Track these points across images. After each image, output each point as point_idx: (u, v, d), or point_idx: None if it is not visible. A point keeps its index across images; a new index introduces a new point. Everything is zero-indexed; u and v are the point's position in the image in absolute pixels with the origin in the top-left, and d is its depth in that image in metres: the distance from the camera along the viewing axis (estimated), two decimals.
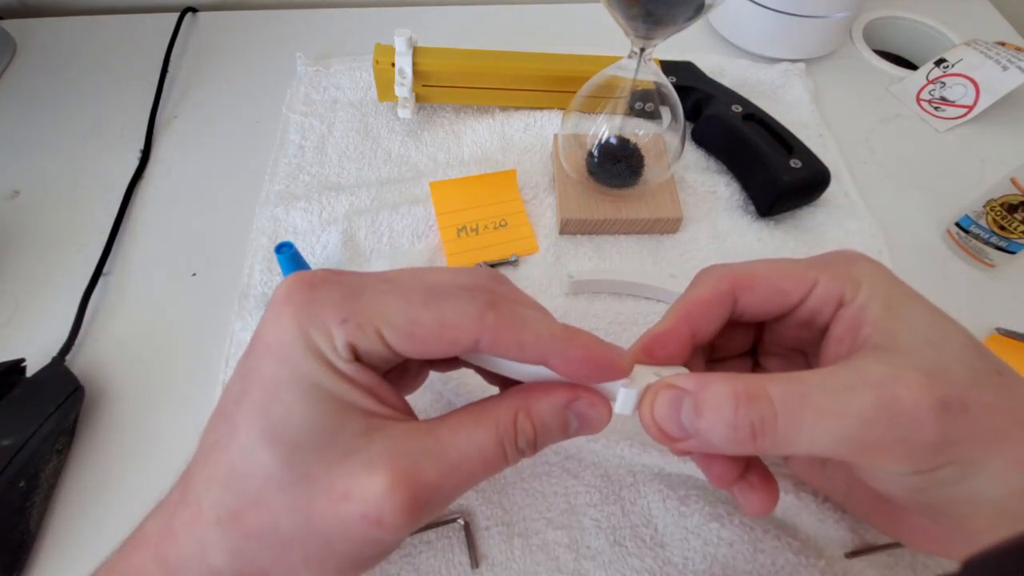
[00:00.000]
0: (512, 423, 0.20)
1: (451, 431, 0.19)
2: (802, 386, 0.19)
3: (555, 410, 0.20)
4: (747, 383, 0.19)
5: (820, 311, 0.23)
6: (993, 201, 0.39)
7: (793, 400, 0.19)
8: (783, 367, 0.27)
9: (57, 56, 0.53)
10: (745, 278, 0.23)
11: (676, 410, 0.20)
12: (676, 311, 0.23)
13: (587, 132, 0.42)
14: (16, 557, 0.29)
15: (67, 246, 0.41)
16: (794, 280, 0.23)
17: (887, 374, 0.19)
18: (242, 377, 0.19)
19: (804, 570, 0.28)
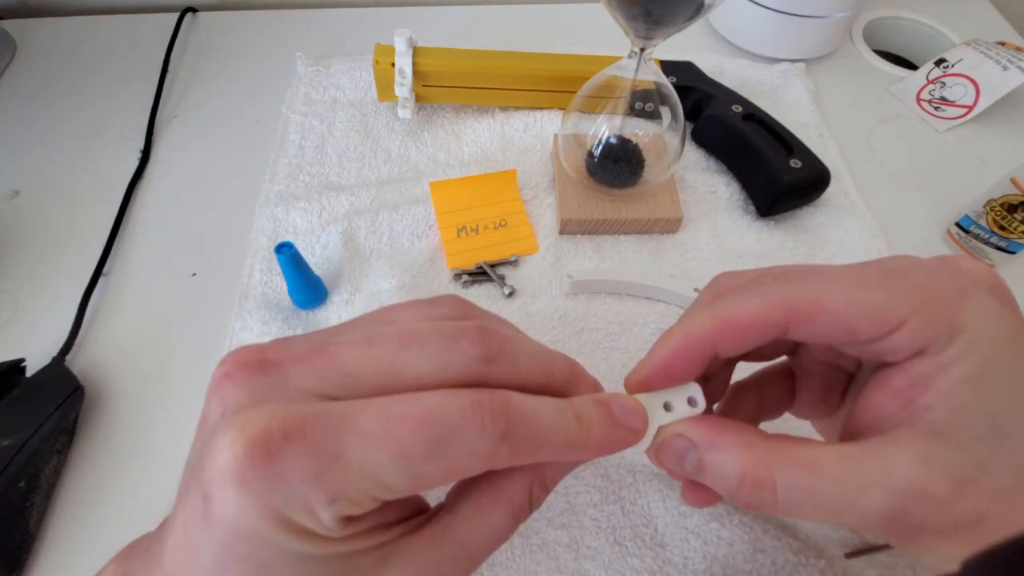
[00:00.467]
0: (527, 498, 0.19)
1: (467, 524, 0.18)
2: (815, 480, 0.17)
3: (566, 472, 0.20)
4: (756, 465, 0.18)
5: (890, 354, 0.18)
6: (993, 201, 0.39)
7: (799, 494, 0.17)
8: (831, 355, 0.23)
9: (57, 56, 0.53)
10: (807, 311, 0.18)
11: (680, 459, 0.19)
12: (699, 324, 0.19)
13: (587, 132, 0.42)
14: (16, 557, 0.29)
15: (67, 246, 0.41)
16: (873, 321, 0.18)
17: (916, 484, 0.16)
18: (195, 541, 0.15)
19: (804, 570, 0.28)
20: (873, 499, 0.17)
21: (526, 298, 0.39)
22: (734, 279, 0.22)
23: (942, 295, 0.18)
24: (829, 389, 0.23)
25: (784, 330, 0.19)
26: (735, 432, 0.19)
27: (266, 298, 0.38)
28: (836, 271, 0.19)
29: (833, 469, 0.17)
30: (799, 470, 0.17)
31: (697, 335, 0.19)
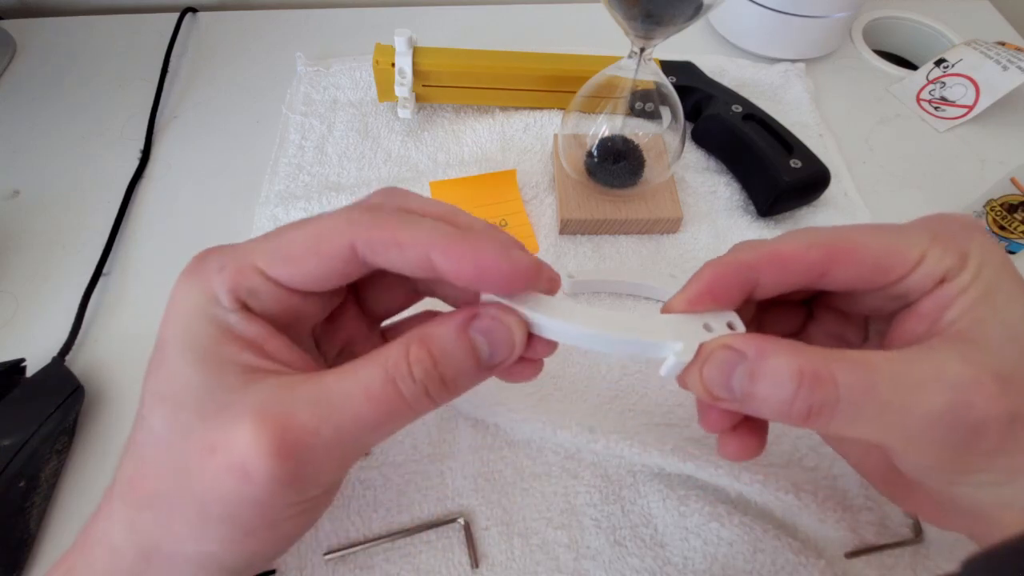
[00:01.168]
0: (404, 356, 0.18)
1: (336, 376, 0.18)
2: (872, 375, 0.17)
3: (453, 333, 0.19)
4: (813, 360, 0.17)
5: (917, 288, 0.20)
6: (993, 201, 0.39)
7: (859, 390, 0.17)
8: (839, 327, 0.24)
9: (57, 56, 0.53)
10: (844, 251, 0.20)
11: (728, 374, 0.18)
12: (742, 254, 0.20)
13: (587, 132, 0.42)
14: (16, 557, 0.29)
15: (67, 246, 0.41)
16: (901, 256, 0.20)
17: (965, 376, 0.17)
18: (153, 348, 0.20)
19: (804, 570, 0.28)
20: (932, 394, 0.17)
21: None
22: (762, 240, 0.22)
23: (946, 233, 0.20)
24: None
25: (823, 272, 0.20)
26: (785, 341, 0.18)
27: None
28: (856, 225, 0.21)
29: (888, 367, 0.18)
30: (856, 367, 0.17)
31: (744, 262, 0.20)
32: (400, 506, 0.31)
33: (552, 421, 0.32)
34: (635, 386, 0.35)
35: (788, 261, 0.20)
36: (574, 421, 0.32)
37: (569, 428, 0.32)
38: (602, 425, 0.32)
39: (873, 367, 0.18)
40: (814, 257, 0.20)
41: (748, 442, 0.21)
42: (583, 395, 0.35)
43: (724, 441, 0.21)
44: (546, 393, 0.34)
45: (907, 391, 0.17)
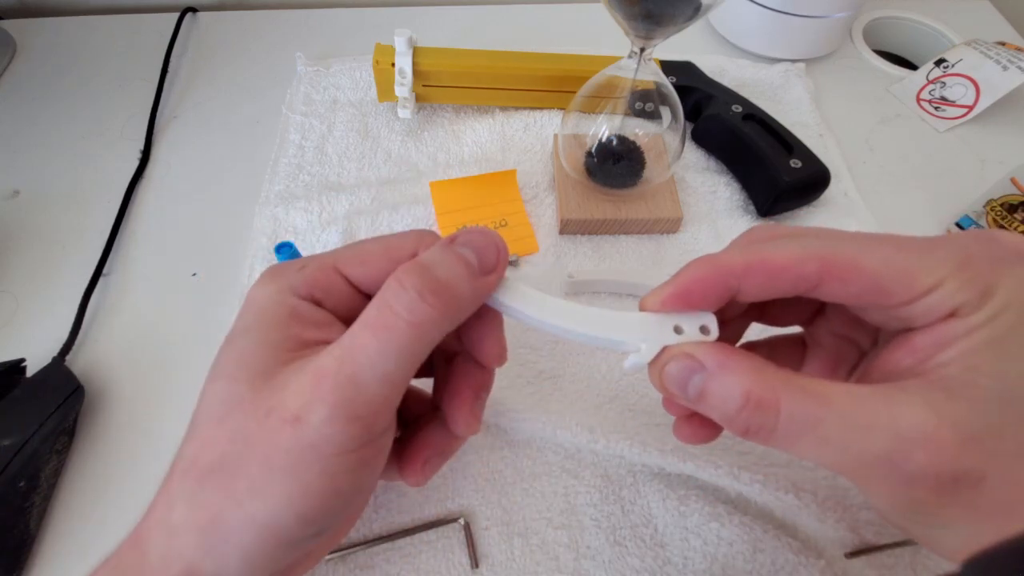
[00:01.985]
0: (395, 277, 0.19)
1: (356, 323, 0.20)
2: (819, 410, 0.17)
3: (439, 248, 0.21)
4: (764, 386, 0.17)
5: (920, 317, 0.18)
6: (993, 201, 0.39)
7: (799, 423, 0.17)
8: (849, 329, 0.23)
9: (57, 56, 0.53)
10: (841, 266, 0.18)
11: (685, 379, 0.19)
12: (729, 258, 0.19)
13: (587, 132, 0.42)
14: (16, 557, 0.29)
15: (67, 246, 0.41)
16: (908, 281, 0.18)
17: (920, 427, 0.16)
18: None
19: (804, 570, 0.28)
20: (876, 439, 0.16)
21: None
22: (771, 230, 0.21)
23: (979, 261, 0.17)
24: (839, 364, 0.23)
25: (816, 285, 0.19)
26: (746, 358, 0.18)
27: None
28: (875, 235, 0.19)
29: (840, 403, 0.17)
30: (806, 398, 0.17)
31: (726, 266, 0.19)
32: (400, 506, 0.31)
33: (552, 421, 0.32)
34: (635, 386, 0.35)
35: (778, 271, 0.19)
36: (574, 421, 0.32)
37: (569, 428, 0.32)
38: (602, 425, 0.32)
39: (824, 402, 0.17)
40: (807, 270, 0.18)
41: (700, 432, 0.22)
42: (583, 395, 0.35)
43: (679, 425, 0.23)
44: (546, 393, 0.34)
45: (850, 432, 0.17)
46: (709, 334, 0.20)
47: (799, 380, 0.18)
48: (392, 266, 0.20)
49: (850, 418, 0.17)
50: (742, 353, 0.19)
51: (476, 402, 0.24)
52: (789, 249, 0.19)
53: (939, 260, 0.18)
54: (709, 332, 0.20)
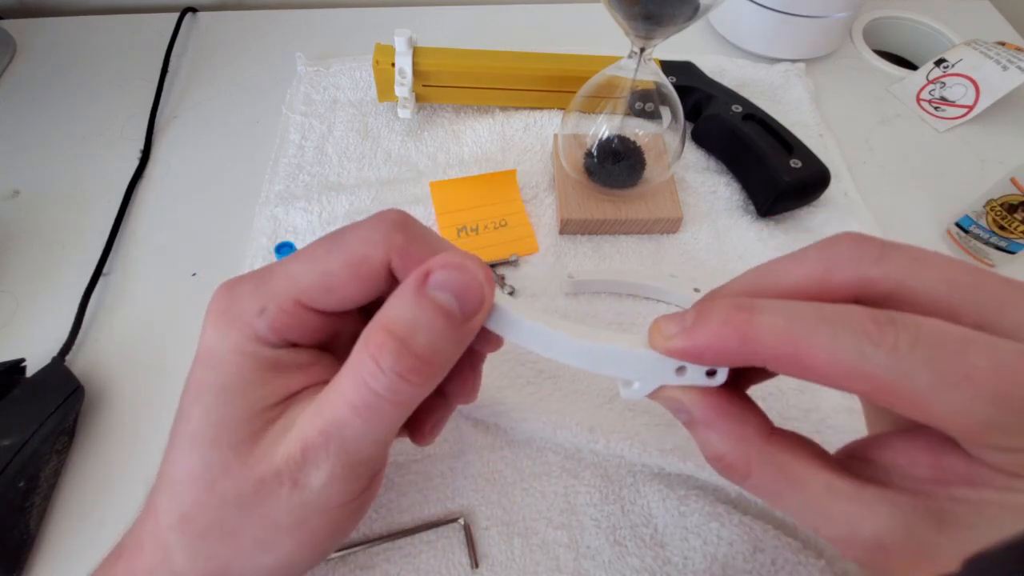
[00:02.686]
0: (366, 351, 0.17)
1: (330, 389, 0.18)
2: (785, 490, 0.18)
3: (410, 300, 0.17)
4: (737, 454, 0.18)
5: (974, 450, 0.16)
6: (993, 201, 0.39)
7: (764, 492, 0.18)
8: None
9: (57, 56, 0.53)
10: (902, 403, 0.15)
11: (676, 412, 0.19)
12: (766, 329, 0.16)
13: (587, 132, 0.42)
14: (16, 557, 0.29)
15: (67, 246, 0.41)
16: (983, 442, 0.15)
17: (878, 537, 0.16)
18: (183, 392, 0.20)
19: (804, 570, 0.28)
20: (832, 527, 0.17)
21: (526, 298, 0.39)
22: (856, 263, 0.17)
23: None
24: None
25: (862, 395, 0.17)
26: (732, 419, 0.18)
27: None
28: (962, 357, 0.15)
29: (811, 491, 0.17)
30: (777, 478, 0.17)
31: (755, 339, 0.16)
32: (400, 506, 0.31)
33: (552, 421, 0.32)
34: None
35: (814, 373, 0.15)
36: (574, 421, 0.32)
37: (569, 428, 0.32)
38: (602, 425, 0.32)
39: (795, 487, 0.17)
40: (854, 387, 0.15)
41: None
42: (583, 395, 0.35)
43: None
44: (546, 393, 0.34)
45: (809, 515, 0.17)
46: (715, 377, 0.18)
47: (778, 457, 0.18)
48: (365, 287, 0.19)
49: (815, 507, 0.17)
50: (732, 410, 0.18)
51: (474, 378, 0.23)
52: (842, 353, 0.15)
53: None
54: (715, 376, 0.18)
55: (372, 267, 0.19)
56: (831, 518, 0.17)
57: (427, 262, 0.18)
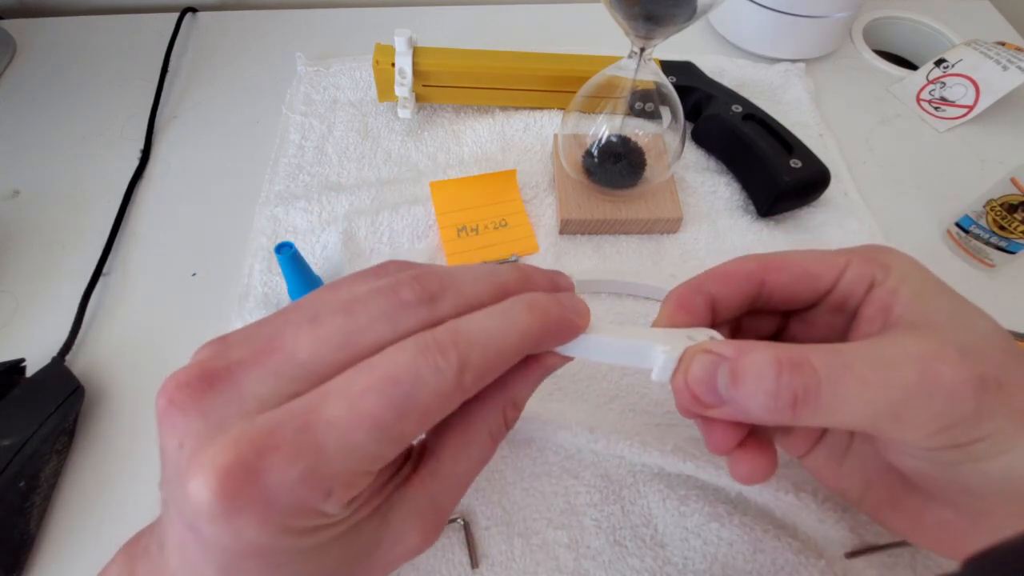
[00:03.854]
0: (502, 418, 0.20)
1: (451, 462, 0.19)
2: (844, 356, 0.18)
3: (533, 386, 0.20)
4: (789, 351, 0.18)
5: (851, 294, 0.22)
6: (993, 201, 0.39)
7: (837, 370, 0.18)
8: None
9: (57, 56, 0.53)
10: (774, 260, 0.23)
11: (712, 376, 0.19)
12: (697, 277, 0.24)
13: (587, 132, 0.42)
14: (16, 557, 0.29)
15: (67, 246, 0.41)
16: (825, 264, 0.23)
17: (926, 349, 0.18)
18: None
19: (804, 570, 0.28)
20: (903, 368, 0.18)
21: None
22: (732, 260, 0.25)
23: (867, 250, 0.23)
24: None
25: (760, 282, 0.23)
26: (760, 342, 0.19)
27: (266, 298, 0.38)
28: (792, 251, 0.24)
29: (858, 351, 0.19)
30: (829, 353, 0.18)
31: (697, 281, 0.23)
32: None
33: (552, 421, 0.32)
34: (635, 386, 0.35)
35: (730, 274, 0.23)
36: (574, 421, 0.32)
37: (569, 428, 0.32)
38: (602, 425, 0.32)
39: (843, 351, 0.19)
40: (750, 267, 0.23)
41: (758, 460, 0.21)
42: (583, 395, 0.35)
43: (734, 461, 0.21)
44: (546, 393, 0.34)
45: (881, 368, 0.18)
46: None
47: (813, 345, 0.19)
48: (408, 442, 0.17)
49: (873, 358, 0.18)
50: (754, 341, 0.19)
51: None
52: (740, 260, 0.24)
53: (839, 254, 0.23)
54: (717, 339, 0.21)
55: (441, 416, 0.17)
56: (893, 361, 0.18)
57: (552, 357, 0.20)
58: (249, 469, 0.14)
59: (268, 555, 0.15)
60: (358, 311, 0.17)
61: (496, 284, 0.19)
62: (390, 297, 0.17)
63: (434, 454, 0.20)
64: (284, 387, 0.16)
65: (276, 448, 0.14)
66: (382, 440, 0.15)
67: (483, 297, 0.18)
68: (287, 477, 0.14)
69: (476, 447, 0.20)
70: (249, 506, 0.14)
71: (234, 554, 0.15)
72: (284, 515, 0.14)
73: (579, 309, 0.20)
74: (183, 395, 0.15)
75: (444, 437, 0.20)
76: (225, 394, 0.15)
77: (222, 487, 0.14)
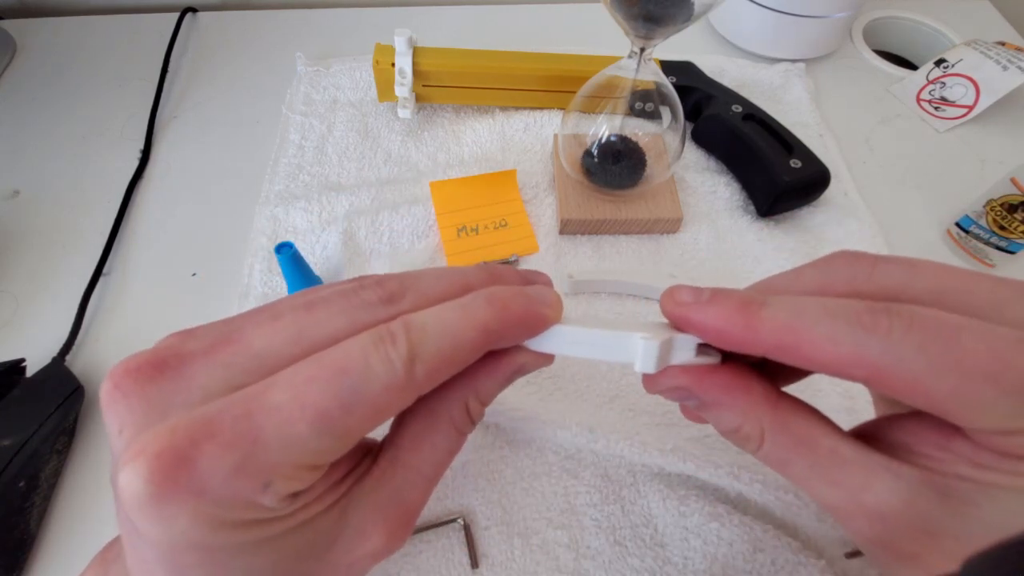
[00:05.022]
0: (465, 412, 0.19)
1: (413, 452, 0.18)
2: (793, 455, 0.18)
3: (502, 383, 0.20)
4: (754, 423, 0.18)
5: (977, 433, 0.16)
6: (993, 201, 0.39)
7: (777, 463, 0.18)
8: None
9: (57, 56, 0.53)
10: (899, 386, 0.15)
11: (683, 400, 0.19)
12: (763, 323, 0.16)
13: (587, 132, 0.42)
14: (16, 557, 0.29)
15: (67, 246, 0.41)
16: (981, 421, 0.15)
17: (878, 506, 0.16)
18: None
19: (804, 570, 0.28)
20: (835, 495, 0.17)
21: None
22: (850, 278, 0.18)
23: None
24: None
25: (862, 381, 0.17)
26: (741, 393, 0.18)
27: (266, 298, 0.38)
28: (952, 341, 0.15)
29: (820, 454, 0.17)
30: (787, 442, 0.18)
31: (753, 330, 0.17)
32: None
33: (552, 421, 0.32)
34: (635, 386, 0.35)
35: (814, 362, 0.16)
36: (574, 421, 0.32)
37: (569, 428, 0.32)
38: (602, 425, 0.32)
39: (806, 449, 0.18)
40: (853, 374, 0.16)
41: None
42: (583, 395, 0.35)
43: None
44: (546, 393, 0.34)
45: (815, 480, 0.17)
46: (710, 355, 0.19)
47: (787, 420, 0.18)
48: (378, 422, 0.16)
49: (821, 471, 0.17)
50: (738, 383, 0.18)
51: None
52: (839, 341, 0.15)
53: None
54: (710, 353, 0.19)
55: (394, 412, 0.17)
56: (836, 482, 0.17)
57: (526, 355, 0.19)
58: (180, 457, 0.13)
59: (206, 550, 0.14)
60: (317, 308, 0.17)
61: (460, 283, 0.18)
62: (351, 297, 0.17)
63: (394, 445, 0.19)
64: (233, 378, 0.15)
65: (211, 436, 0.14)
66: (326, 433, 0.15)
67: (445, 296, 0.18)
68: (221, 466, 0.14)
69: (440, 438, 0.19)
70: (178, 495, 0.13)
71: (170, 548, 0.14)
72: (218, 507, 0.14)
73: (548, 300, 0.19)
74: (128, 380, 0.15)
75: (405, 429, 0.19)
76: (172, 383, 0.15)
77: (151, 474, 0.13)
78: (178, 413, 0.14)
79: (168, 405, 0.15)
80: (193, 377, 0.15)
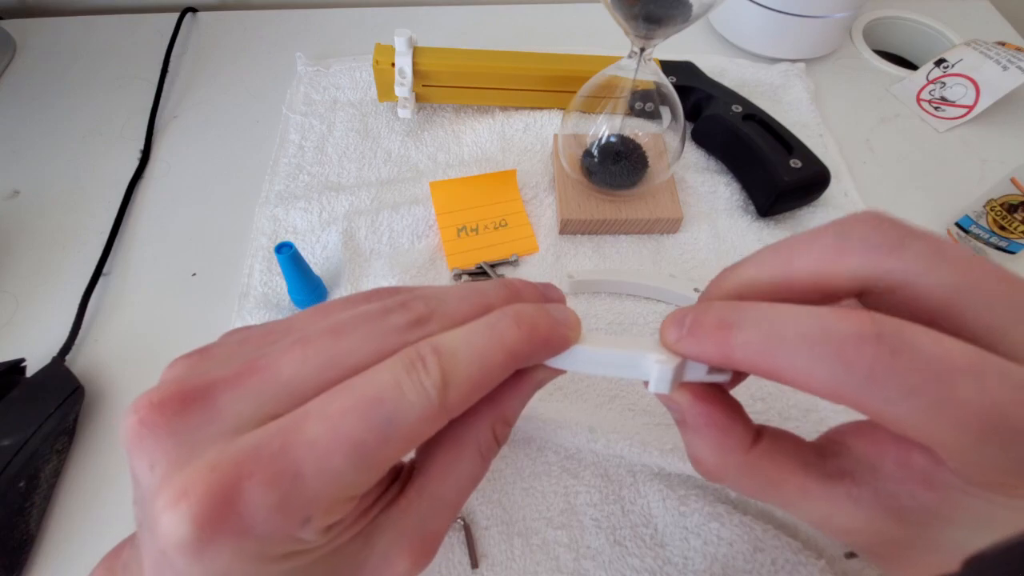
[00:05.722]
0: (492, 436, 0.19)
1: (440, 480, 0.18)
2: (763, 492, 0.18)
3: (524, 401, 0.20)
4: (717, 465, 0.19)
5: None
6: (993, 201, 0.39)
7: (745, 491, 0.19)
8: None
9: (57, 56, 0.53)
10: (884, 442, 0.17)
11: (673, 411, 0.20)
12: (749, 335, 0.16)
13: (587, 132, 0.42)
14: (16, 557, 0.29)
15: (67, 246, 0.41)
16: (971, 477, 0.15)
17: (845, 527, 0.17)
18: None
19: (804, 569, 0.28)
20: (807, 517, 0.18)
21: None
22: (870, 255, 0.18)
23: None
24: None
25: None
26: (720, 431, 0.18)
27: (266, 298, 0.38)
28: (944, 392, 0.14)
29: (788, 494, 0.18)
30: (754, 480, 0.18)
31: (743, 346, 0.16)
32: None
33: (552, 421, 0.32)
34: (635, 386, 0.35)
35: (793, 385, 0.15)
36: (574, 421, 0.32)
37: (569, 428, 0.32)
38: (602, 425, 0.32)
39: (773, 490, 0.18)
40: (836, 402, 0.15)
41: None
42: (583, 395, 0.35)
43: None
44: (546, 393, 0.34)
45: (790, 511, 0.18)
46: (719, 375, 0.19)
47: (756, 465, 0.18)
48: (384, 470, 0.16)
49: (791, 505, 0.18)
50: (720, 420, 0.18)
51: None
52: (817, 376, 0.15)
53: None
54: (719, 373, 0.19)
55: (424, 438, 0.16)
56: (806, 513, 0.18)
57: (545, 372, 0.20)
58: (225, 499, 0.13)
59: None
60: (345, 333, 0.16)
61: (484, 305, 0.18)
62: (378, 321, 0.17)
63: (422, 473, 0.19)
64: (264, 408, 0.15)
65: (252, 474, 0.14)
66: (363, 465, 0.15)
67: (469, 317, 0.18)
68: (263, 505, 0.14)
69: (466, 466, 0.18)
70: (224, 537, 0.13)
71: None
72: (259, 543, 0.14)
73: (569, 321, 0.19)
74: (155, 415, 0.15)
75: (432, 456, 0.19)
76: (201, 414, 0.15)
77: (196, 518, 0.13)
78: (213, 447, 0.14)
79: (200, 438, 0.14)
80: (223, 408, 0.15)
